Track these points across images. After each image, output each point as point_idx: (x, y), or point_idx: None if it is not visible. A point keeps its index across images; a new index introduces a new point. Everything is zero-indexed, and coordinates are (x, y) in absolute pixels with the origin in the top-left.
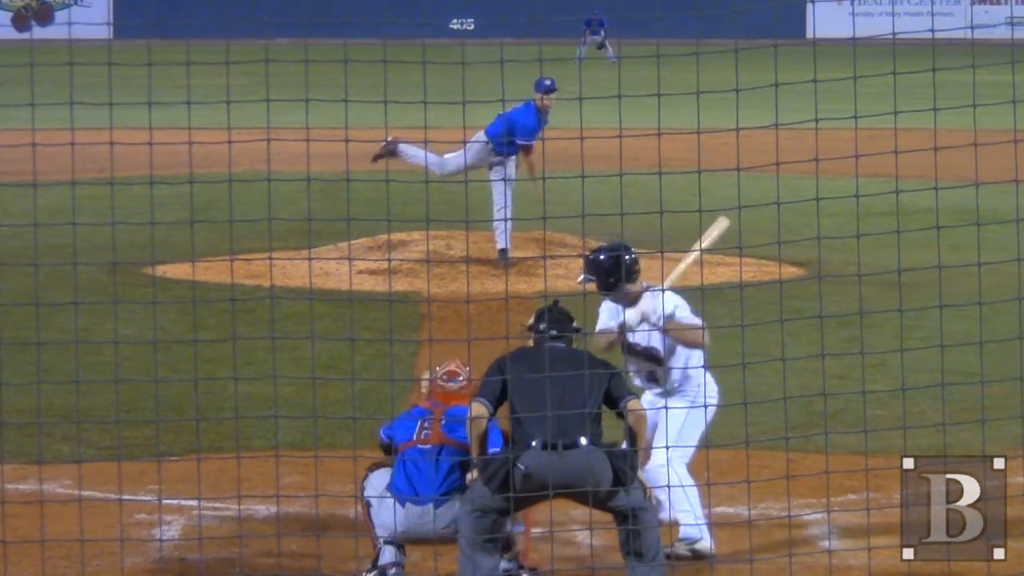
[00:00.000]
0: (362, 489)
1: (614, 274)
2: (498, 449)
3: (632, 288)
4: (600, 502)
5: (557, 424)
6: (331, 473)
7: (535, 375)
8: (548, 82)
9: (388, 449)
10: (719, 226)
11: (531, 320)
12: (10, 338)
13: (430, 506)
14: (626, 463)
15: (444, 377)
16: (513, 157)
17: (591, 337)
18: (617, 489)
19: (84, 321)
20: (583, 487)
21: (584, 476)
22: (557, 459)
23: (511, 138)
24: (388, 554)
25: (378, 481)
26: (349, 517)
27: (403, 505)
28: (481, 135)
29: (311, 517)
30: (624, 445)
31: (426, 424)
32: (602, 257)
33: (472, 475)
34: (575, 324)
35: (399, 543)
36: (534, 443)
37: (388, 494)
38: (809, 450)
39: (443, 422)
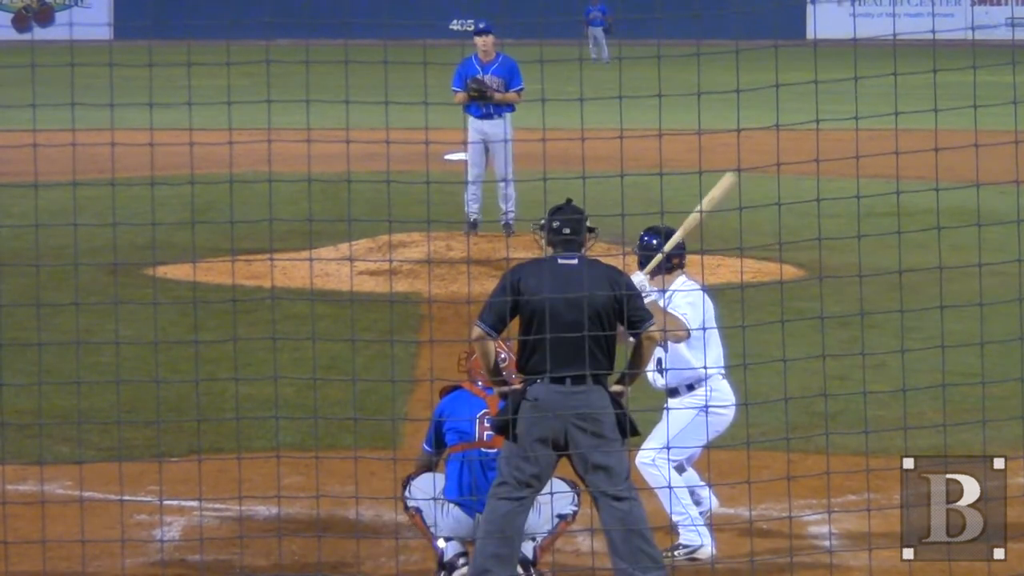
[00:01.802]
0: (404, 498)
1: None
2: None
3: (669, 277)
4: (596, 469)
5: (568, 355)
6: (332, 474)
7: (549, 303)
8: (481, 24)
9: (430, 465)
10: (723, 184)
11: (541, 220)
12: (11, 339)
13: None
14: (626, 412)
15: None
16: (476, 120)
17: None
18: (617, 442)
19: (85, 322)
20: (586, 424)
21: (589, 411)
22: (565, 390)
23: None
24: (452, 548)
25: (425, 485)
26: (350, 517)
27: (472, 516)
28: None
29: (312, 518)
30: (627, 366)
31: (486, 423)
32: (656, 242)
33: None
34: (589, 224)
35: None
36: (541, 379)
37: (443, 499)
38: (810, 451)
39: None
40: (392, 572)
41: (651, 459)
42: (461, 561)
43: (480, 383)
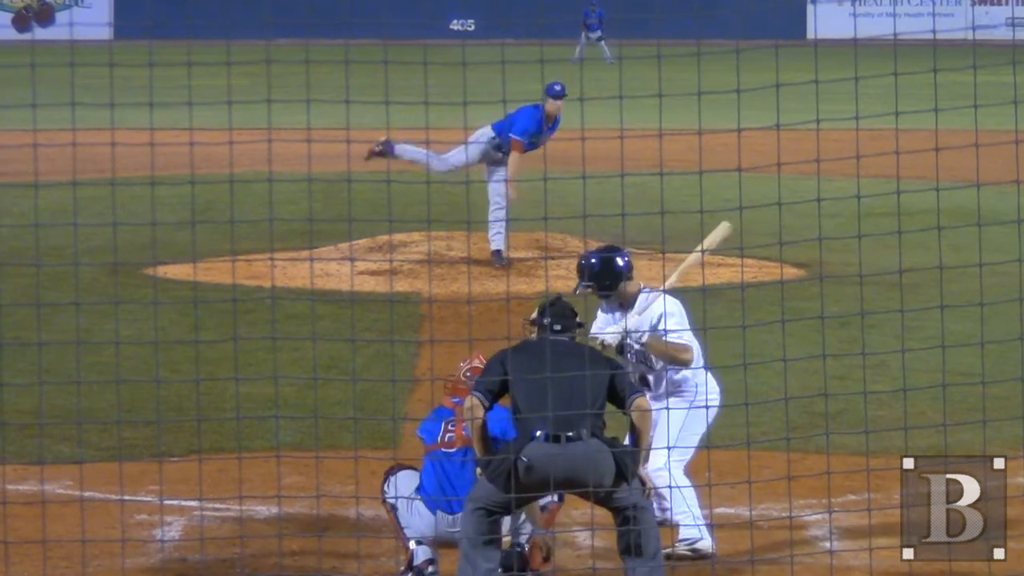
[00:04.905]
0: (383, 491)
1: (609, 278)
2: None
3: (628, 290)
4: (601, 497)
5: (560, 416)
6: (332, 473)
7: (537, 368)
8: (558, 87)
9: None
10: (721, 231)
11: (534, 314)
12: (11, 338)
13: (459, 514)
14: (629, 456)
15: (468, 374)
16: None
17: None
18: (619, 486)
19: (85, 322)
20: (586, 480)
21: (587, 468)
22: (560, 451)
23: (508, 135)
24: (422, 553)
25: (403, 483)
26: (350, 517)
27: (433, 512)
28: (486, 131)
29: (312, 517)
30: (627, 442)
31: (450, 427)
32: (594, 261)
33: (479, 472)
34: (578, 319)
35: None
36: (537, 434)
37: (417, 496)
38: (810, 451)
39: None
40: (392, 572)
41: (662, 464)
42: (430, 569)
43: (456, 398)
